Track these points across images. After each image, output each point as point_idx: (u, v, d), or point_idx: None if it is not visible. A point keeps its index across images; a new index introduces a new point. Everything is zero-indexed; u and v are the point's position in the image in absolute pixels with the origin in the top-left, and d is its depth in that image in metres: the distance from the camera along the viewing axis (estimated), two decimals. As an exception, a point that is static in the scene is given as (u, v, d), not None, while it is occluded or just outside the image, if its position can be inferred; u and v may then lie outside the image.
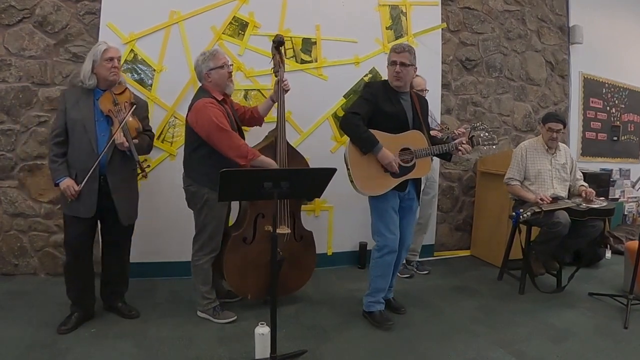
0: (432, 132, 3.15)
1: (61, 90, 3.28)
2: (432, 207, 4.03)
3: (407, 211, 2.99)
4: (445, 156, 3.05)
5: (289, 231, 3.00)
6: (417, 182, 3.02)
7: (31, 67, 3.34)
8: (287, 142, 3.06)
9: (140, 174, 2.67)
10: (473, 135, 3.06)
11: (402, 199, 2.93)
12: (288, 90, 3.08)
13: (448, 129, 3.69)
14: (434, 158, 3.05)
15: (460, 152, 2.95)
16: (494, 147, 3.16)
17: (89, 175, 2.53)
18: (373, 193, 2.83)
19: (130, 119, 2.64)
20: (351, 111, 2.78)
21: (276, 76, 3.08)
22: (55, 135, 2.59)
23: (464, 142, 2.97)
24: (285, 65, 3.24)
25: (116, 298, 2.90)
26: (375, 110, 2.79)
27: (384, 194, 2.83)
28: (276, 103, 3.07)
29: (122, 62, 3.35)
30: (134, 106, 2.67)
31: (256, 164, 2.68)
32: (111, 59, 2.60)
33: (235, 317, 2.87)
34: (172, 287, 3.34)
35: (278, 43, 3.06)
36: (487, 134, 3.08)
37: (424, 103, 3.04)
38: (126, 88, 2.73)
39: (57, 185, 2.58)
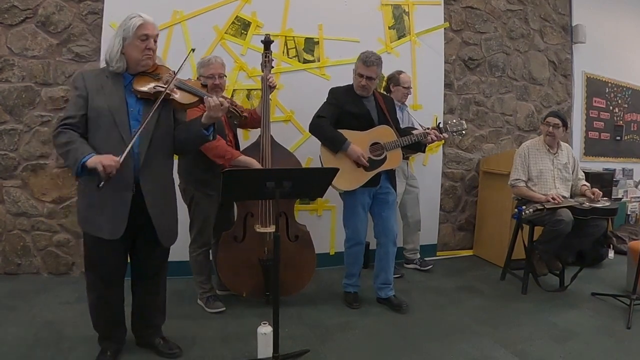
0: (415, 132, 3.27)
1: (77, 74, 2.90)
2: (419, 204, 3.99)
3: (383, 204, 3.12)
4: (418, 146, 3.21)
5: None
6: (391, 175, 3.14)
7: (34, 67, 3.35)
8: (273, 140, 3.04)
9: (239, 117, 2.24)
10: (440, 122, 3.23)
11: (376, 194, 3.10)
12: (273, 86, 3.10)
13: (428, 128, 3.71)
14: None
15: (429, 138, 3.09)
16: (464, 132, 3.29)
17: (126, 152, 1.90)
18: (348, 187, 3.00)
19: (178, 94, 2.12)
20: (317, 115, 3.00)
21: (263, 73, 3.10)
22: (67, 124, 1.98)
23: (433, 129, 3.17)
24: (276, 63, 3.31)
25: (152, 333, 2.41)
26: (341, 112, 3.01)
27: (353, 191, 2.99)
28: (265, 101, 3.06)
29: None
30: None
31: (236, 164, 2.75)
32: (147, 37, 2.02)
33: (224, 308, 2.96)
34: (174, 287, 3.32)
35: (265, 43, 3.08)
36: (455, 120, 3.25)
37: (389, 101, 3.23)
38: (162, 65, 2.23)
39: (81, 168, 1.87)
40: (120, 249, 2.15)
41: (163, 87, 2.06)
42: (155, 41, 2.08)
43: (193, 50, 2.21)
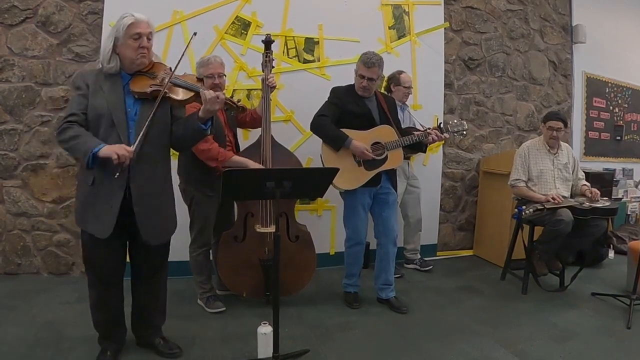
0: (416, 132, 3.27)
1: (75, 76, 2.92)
2: (420, 204, 3.99)
3: (383, 204, 3.12)
4: (419, 146, 3.22)
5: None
6: (391, 175, 3.14)
7: (34, 67, 3.35)
8: (274, 140, 3.04)
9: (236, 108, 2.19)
10: (441, 122, 3.25)
11: (376, 194, 3.10)
12: (274, 87, 3.09)
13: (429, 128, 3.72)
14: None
15: (430, 138, 3.09)
16: (465, 132, 3.30)
17: (137, 142, 1.94)
18: (349, 187, 3.00)
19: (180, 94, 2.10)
20: (318, 114, 3.00)
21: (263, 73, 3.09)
22: (72, 120, 1.97)
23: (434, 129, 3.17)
24: (276, 63, 3.31)
25: (152, 333, 2.41)
26: (342, 111, 3.01)
27: (354, 190, 2.99)
28: (266, 101, 3.06)
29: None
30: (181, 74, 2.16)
31: (229, 164, 2.73)
32: (139, 35, 2.01)
33: (224, 308, 2.96)
34: (174, 287, 3.31)
35: (266, 43, 3.08)
36: (456, 121, 3.27)
37: (390, 101, 3.23)
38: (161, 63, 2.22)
39: (92, 159, 1.89)
40: (117, 249, 2.15)
41: (159, 87, 2.04)
42: (149, 39, 2.06)
43: (195, 34, 2.20)
